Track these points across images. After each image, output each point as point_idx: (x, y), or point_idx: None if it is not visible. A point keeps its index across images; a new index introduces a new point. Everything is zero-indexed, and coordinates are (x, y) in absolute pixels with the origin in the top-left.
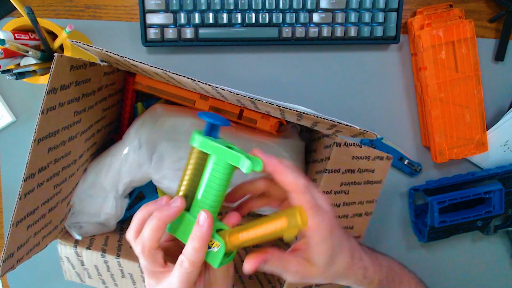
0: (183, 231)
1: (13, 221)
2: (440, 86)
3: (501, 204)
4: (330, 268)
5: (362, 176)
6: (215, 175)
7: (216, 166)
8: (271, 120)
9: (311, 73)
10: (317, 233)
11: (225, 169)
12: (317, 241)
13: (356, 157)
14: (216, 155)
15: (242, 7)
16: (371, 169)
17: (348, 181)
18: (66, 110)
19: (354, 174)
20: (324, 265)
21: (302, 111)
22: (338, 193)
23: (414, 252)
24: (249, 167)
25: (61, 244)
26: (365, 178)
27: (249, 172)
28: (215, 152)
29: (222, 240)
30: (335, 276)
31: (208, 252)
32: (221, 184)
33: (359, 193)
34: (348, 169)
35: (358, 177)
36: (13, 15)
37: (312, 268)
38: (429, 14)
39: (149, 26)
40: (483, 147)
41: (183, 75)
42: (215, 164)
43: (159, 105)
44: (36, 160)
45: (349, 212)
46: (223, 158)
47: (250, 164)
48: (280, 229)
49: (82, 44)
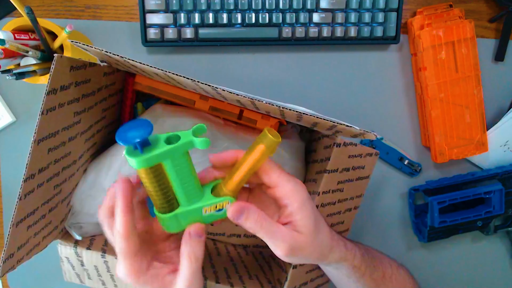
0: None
1: (13, 221)
2: (440, 86)
3: (501, 204)
4: (317, 236)
5: (354, 173)
6: (182, 170)
7: (177, 165)
8: (271, 121)
9: (311, 73)
10: (296, 197)
11: (185, 159)
12: (298, 206)
13: (352, 156)
14: (170, 158)
15: (242, 7)
16: (362, 165)
17: (344, 179)
18: (66, 110)
19: (348, 172)
20: (310, 231)
21: (302, 112)
22: (335, 192)
23: (414, 252)
24: (204, 143)
25: (61, 245)
26: (357, 174)
27: (207, 147)
28: (167, 157)
29: (227, 197)
30: (322, 248)
31: (223, 211)
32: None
33: (351, 189)
34: (344, 168)
35: (352, 175)
36: (13, 15)
37: (300, 236)
38: (429, 14)
39: (149, 26)
40: (483, 147)
41: (183, 76)
42: (174, 164)
43: (159, 105)
44: (36, 161)
45: (342, 208)
46: (177, 154)
47: (203, 141)
48: (262, 153)
49: (82, 44)
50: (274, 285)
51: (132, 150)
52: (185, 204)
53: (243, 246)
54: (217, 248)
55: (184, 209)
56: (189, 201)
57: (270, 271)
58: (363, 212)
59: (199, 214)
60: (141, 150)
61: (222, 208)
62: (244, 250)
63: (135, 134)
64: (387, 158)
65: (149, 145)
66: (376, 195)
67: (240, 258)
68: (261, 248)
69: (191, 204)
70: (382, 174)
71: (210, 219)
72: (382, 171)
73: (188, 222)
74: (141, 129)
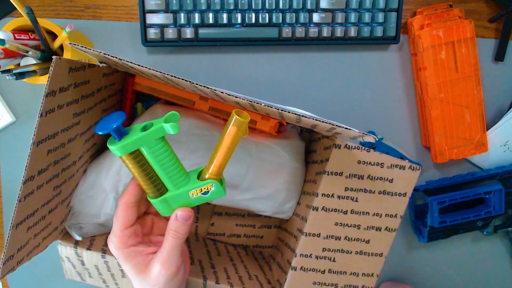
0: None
1: (13, 223)
2: (440, 86)
3: (501, 204)
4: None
5: (374, 185)
6: (160, 156)
7: (154, 151)
8: (271, 121)
9: (311, 73)
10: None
11: (161, 145)
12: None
13: (364, 162)
14: (145, 144)
15: (242, 7)
16: (387, 178)
17: (356, 187)
18: (65, 112)
19: (362, 180)
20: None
21: (300, 114)
22: (343, 199)
23: (414, 252)
24: (173, 128)
25: (61, 245)
26: (379, 187)
27: (177, 131)
28: (142, 143)
29: (210, 180)
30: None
31: (209, 194)
32: (169, 155)
33: (373, 203)
34: (354, 174)
35: (370, 185)
36: (13, 15)
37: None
38: (429, 14)
39: (149, 26)
40: (483, 147)
41: (181, 78)
42: (151, 150)
43: (159, 105)
44: (36, 163)
45: (361, 222)
46: (152, 140)
47: (172, 125)
48: (235, 135)
49: (81, 46)
50: (274, 285)
51: (112, 140)
52: (172, 189)
53: (243, 246)
54: (217, 248)
55: (172, 193)
56: (175, 185)
57: (270, 271)
58: None
59: (187, 198)
60: (119, 138)
61: (208, 191)
62: (244, 250)
63: (110, 123)
64: None
65: (126, 134)
66: None
67: (240, 258)
68: (261, 248)
69: (178, 189)
70: None
71: (198, 201)
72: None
73: (178, 205)
74: (115, 119)
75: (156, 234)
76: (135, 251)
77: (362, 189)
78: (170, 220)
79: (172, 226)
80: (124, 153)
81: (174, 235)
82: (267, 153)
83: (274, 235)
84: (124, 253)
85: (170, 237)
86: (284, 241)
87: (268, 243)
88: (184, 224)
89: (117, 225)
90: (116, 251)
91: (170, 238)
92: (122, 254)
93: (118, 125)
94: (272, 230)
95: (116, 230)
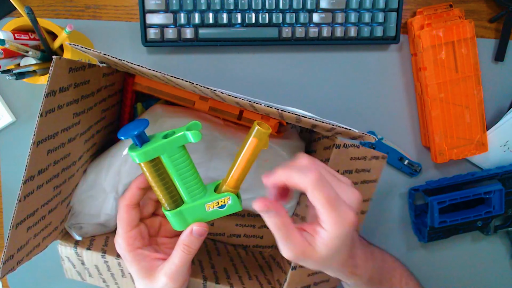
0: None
1: (13, 223)
2: (440, 86)
3: (501, 204)
4: (329, 261)
5: (359, 176)
6: (180, 165)
7: (174, 159)
8: (271, 121)
9: (311, 73)
10: (333, 228)
11: (181, 154)
12: (331, 236)
13: (354, 158)
14: (166, 152)
15: (242, 7)
16: (367, 168)
17: None
18: (65, 112)
19: (351, 175)
20: (325, 256)
21: (300, 114)
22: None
23: (414, 252)
24: (195, 136)
25: (61, 245)
26: (361, 178)
27: (199, 139)
28: (163, 150)
29: (228, 193)
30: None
31: (225, 208)
32: (189, 165)
33: None
34: (346, 170)
35: (355, 177)
36: (13, 15)
37: (312, 252)
38: (429, 14)
39: (149, 26)
40: (483, 147)
41: (181, 78)
42: (171, 158)
43: (159, 105)
44: (36, 163)
45: None
46: (173, 148)
47: (194, 133)
48: (255, 146)
49: (81, 47)
50: (274, 285)
51: (133, 147)
52: (189, 200)
53: (243, 246)
54: (217, 248)
55: (188, 205)
56: (192, 197)
57: (270, 271)
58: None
59: (203, 211)
60: (140, 145)
61: (224, 204)
62: (244, 250)
63: (133, 130)
64: (387, 158)
65: (148, 141)
66: (376, 195)
67: (240, 258)
68: (261, 248)
69: (194, 201)
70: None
71: (214, 215)
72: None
73: (193, 219)
74: (138, 125)
75: (162, 235)
76: (141, 254)
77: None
78: (184, 234)
79: (186, 240)
80: (144, 160)
81: (185, 249)
82: (267, 153)
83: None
84: (130, 255)
85: (181, 251)
86: None
87: (268, 243)
88: (198, 239)
89: (121, 227)
90: (123, 253)
91: (181, 253)
92: (128, 256)
93: (140, 132)
94: None
95: (120, 232)
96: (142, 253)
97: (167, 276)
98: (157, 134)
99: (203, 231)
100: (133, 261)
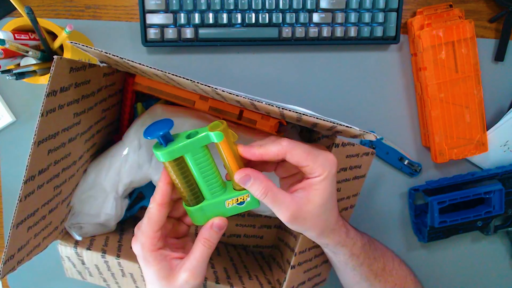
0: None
1: (13, 223)
2: (440, 86)
3: (501, 204)
4: (324, 212)
5: (352, 173)
6: (202, 164)
7: (197, 158)
8: (271, 121)
9: (311, 73)
10: (322, 171)
11: (204, 153)
12: (320, 180)
13: (349, 156)
14: (190, 152)
15: (242, 7)
16: (359, 165)
17: (341, 179)
18: (65, 112)
19: (346, 172)
20: (320, 204)
21: (301, 112)
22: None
23: (414, 252)
24: (218, 136)
25: (61, 245)
26: (353, 174)
27: (222, 139)
28: (187, 150)
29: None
30: (325, 226)
31: (244, 204)
32: (210, 163)
33: (348, 188)
34: (342, 168)
35: (349, 174)
36: (13, 15)
37: (307, 205)
38: (429, 14)
39: (149, 26)
40: (483, 147)
41: (182, 77)
42: (195, 157)
43: (159, 105)
44: (36, 163)
45: (339, 207)
46: (196, 148)
47: (217, 133)
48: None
49: (82, 45)
50: (274, 285)
51: (158, 146)
52: (209, 197)
53: (243, 246)
54: (217, 248)
55: (209, 202)
56: (212, 194)
57: (269, 271)
58: (363, 212)
59: (223, 207)
60: (165, 144)
61: (243, 201)
62: (244, 250)
63: (158, 130)
64: (387, 158)
65: (172, 141)
66: (376, 195)
67: (240, 258)
68: (261, 248)
69: (215, 198)
70: (382, 174)
71: (233, 211)
72: (382, 171)
73: (213, 214)
74: (163, 125)
75: (172, 236)
76: (162, 254)
77: (345, 179)
78: (204, 228)
79: (206, 234)
80: (169, 159)
81: (206, 243)
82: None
83: (274, 235)
84: (152, 256)
85: (202, 245)
86: (284, 241)
87: (268, 243)
88: (217, 233)
89: (150, 226)
90: (145, 253)
91: (202, 247)
92: (150, 256)
93: (165, 132)
94: (272, 230)
95: (148, 231)
96: (162, 253)
97: (188, 271)
98: (180, 134)
99: (223, 224)
100: (154, 261)
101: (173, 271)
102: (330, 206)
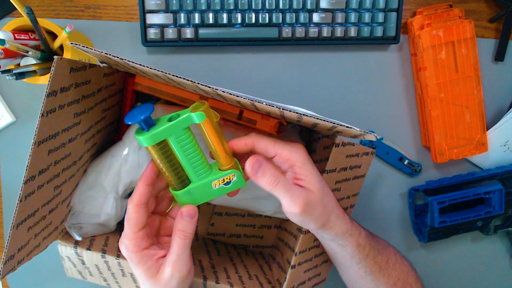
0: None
1: (13, 223)
2: (440, 86)
3: (501, 204)
4: (325, 195)
5: (352, 172)
6: (186, 146)
7: (180, 140)
8: (271, 121)
9: (311, 73)
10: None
11: (187, 135)
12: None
13: (349, 155)
14: (173, 134)
15: (242, 7)
16: (358, 165)
17: (342, 179)
18: (66, 112)
19: (346, 172)
20: (318, 188)
21: (301, 113)
22: (333, 191)
23: (414, 252)
24: (200, 117)
25: (61, 245)
26: (353, 174)
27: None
28: (170, 133)
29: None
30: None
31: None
32: (194, 145)
33: (348, 188)
34: (342, 167)
35: (349, 174)
36: (13, 15)
37: (310, 193)
38: (429, 14)
39: (149, 26)
40: (483, 147)
41: (183, 77)
42: (178, 140)
43: (159, 105)
44: (36, 163)
45: None
46: (179, 130)
47: (199, 114)
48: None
49: (82, 46)
50: (274, 285)
51: (140, 131)
52: (195, 179)
53: (243, 246)
54: (217, 248)
55: (195, 184)
56: (198, 176)
57: (270, 271)
58: (363, 212)
59: (209, 188)
60: (147, 129)
61: (230, 181)
62: (244, 250)
63: (139, 114)
64: (387, 158)
65: (154, 125)
66: (376, 195)
67: (240, 258)
68: (261, 248)
69: (201, 180)
70: (382, 174)
71: (220, 192)
72: (382, 171)
73: (201, 196)
74: (144, 110)
75: (163, 235)
76: (148, 254)
77: (345, 179)
78: (176, 220)
79: (179, 226)
80: (151, 143)
81: (181, 234)
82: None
83: (274, 235)
84: (137, 257)
85: (178, 238)
86: (284, 240)
87: (268, 243)
88: (190, 222)
89: (130, 228)
90: (130, 254)
91: (178, 239)
92: (135, 258)
93: (146, 116)
94: (272, 230)
95: (128, 233)
96: (148, 253)
97: (171, 266)
98: (161, 118)
99: (193, 212)
100: (139, 262)
101: (158, 269)
102: (326, 189)
